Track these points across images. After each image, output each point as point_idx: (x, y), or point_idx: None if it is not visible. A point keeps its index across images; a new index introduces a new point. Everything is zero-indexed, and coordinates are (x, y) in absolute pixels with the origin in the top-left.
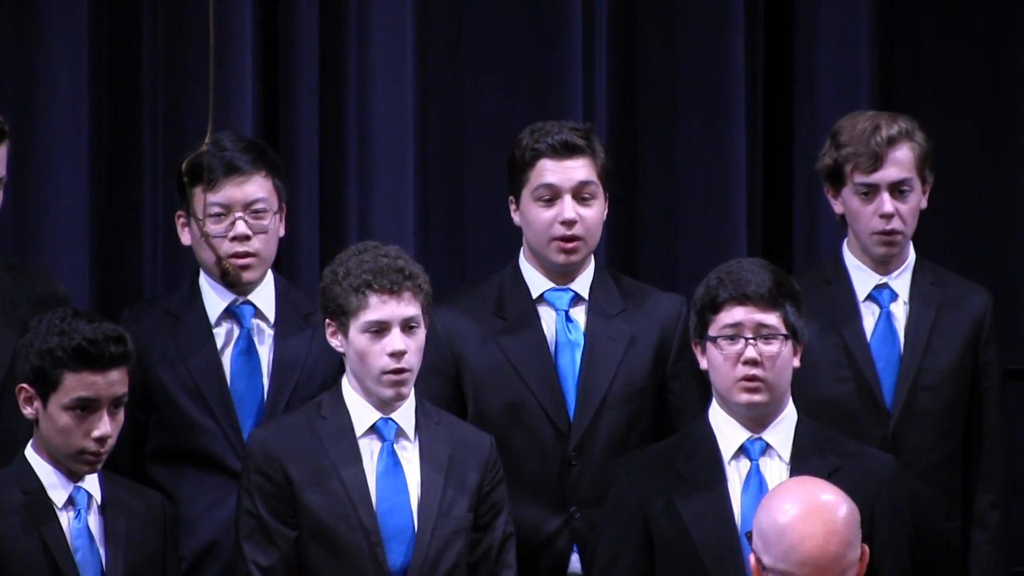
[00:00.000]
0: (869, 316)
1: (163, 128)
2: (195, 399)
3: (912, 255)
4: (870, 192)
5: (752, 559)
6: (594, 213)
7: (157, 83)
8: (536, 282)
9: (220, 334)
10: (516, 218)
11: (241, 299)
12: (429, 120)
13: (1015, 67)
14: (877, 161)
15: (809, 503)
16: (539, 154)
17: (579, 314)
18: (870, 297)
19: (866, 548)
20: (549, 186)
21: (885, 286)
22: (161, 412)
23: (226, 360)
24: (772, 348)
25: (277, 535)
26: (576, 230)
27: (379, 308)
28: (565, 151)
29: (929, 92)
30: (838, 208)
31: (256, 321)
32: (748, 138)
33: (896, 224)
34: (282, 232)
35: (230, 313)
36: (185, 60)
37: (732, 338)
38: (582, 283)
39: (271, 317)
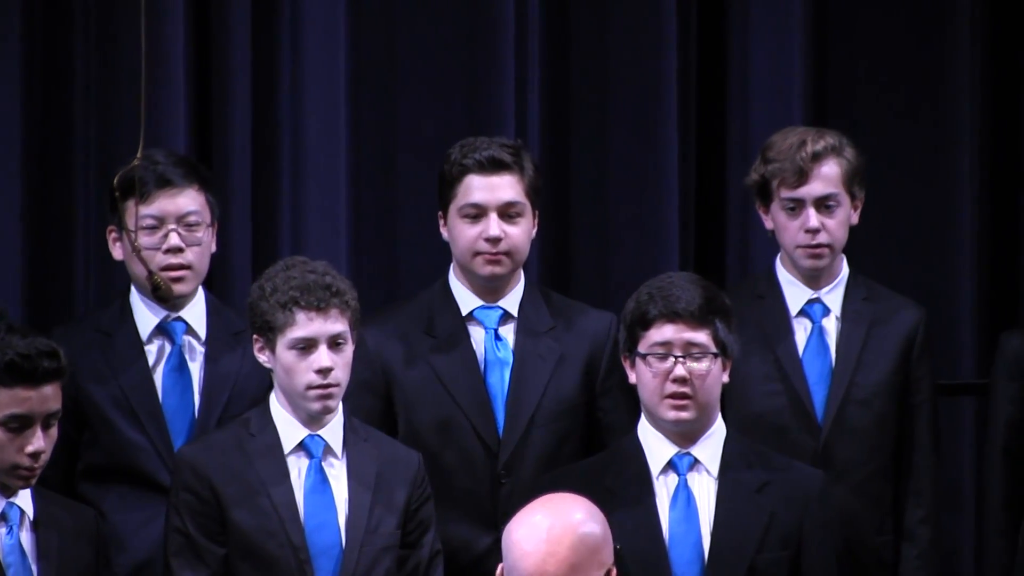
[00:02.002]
0: (801, 331)
1: (95, 144)
2: (127, 416)
3: (845, 270)
4: (796, 207)
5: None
6: (520, 231)
7: (89, 99)
8: (465, 299)
9: (152, 351)
10: (444, 233)
11: (172, 316)
12: (362, 135)
13: (948, 80)
14: (802, 176)
15: (543, 522)
16: (466, 170)
17: (508, 332)
18: (802, 312)
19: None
20: (475, 204)
21: (817, 301)
22: (93, 429)
23: (158, 377)
24: (701, 366)
25: (206, 552)
26: (501, 247)
27: (306, 325)
28: (492, 167)
29: (862, 106)
30: (768, 223)
31: (188, 338)
32: (680, 152)
33: (822, 238)
34: (214, 248)
35: (161, 330)
36: (117, 76)
37: (662, 356)
38: (511, 301)
39: (202, 334)
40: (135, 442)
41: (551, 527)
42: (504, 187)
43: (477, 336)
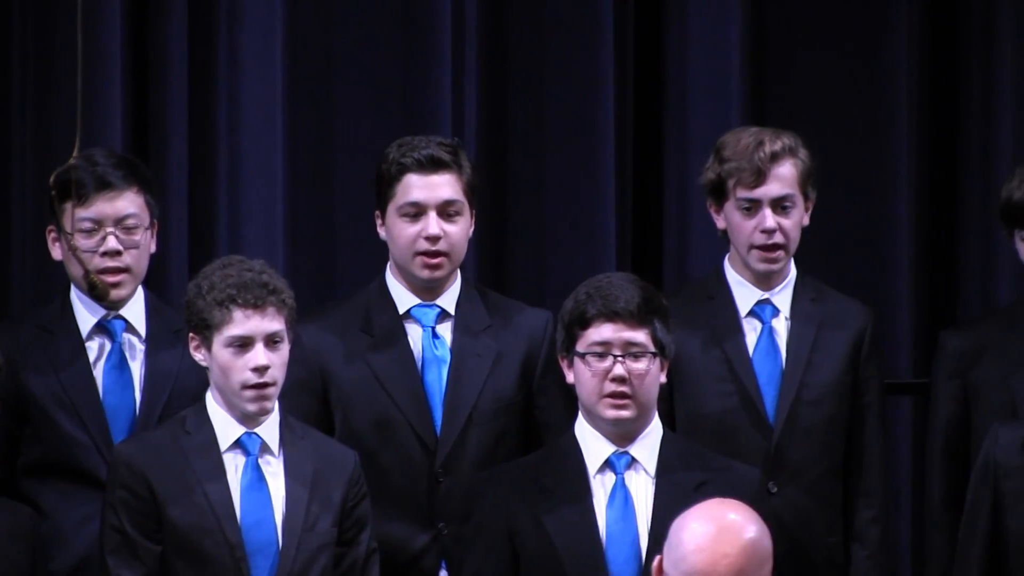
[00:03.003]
0: (751, 331)
1: (32, 143)
2: (68, 412)
3: (793, 271)
4: (752, 207)
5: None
6: (459, 229)
7: (26, 98)
8: (402, 298)
9: (92, 348)
10: (382, 232)
11: (112, 314)
12: (299, 135)
13: (886, 80)
14: (760, 177)
15: (722, 523)
16: (405, 169)
17: (445, 330)
18: (752, 313)
19: None
20: (414, 203)
21: (767, 302)
22: (34, 425)
23: (98, 374)
24: (640, 366)
25: (142, 550)
26: (440, 246)
27: (243, 323)
28: (431, 166)
29: (800, 106)
30: (720, 223)
31: (128, 336)
32: (618, 152)
33: (778, 239)
34: (154, 248)
35: (102, 327)
36: (53, 75)
37: (600, 355)
38: (448, 299)
39: (142, 332)
40: (75, 439)
41: (728, 528)
42: (443, 186)
43: (414, 335)
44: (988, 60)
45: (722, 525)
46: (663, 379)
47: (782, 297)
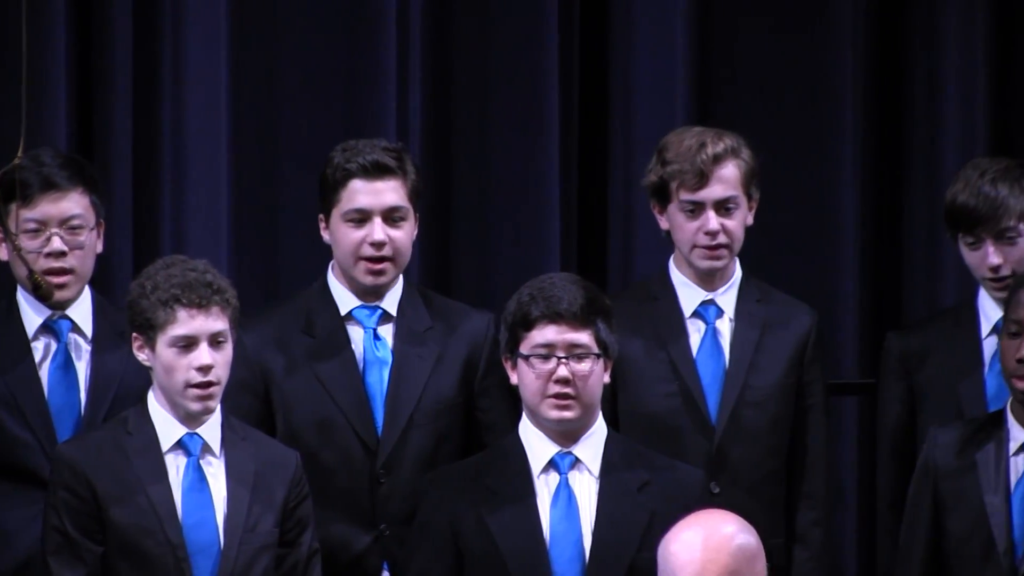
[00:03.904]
0: (695, 332)
1: None
2: (12, 412)
3: (738, 272)
4: (696, 209)
5: None
6: (403, 235)
7: None
8: (344, 299)
9: (38, 348)
10: (326, 236)
11: (58, 314)
12: (243, 135)
13: (831, 80)
14: (703, 178)
15: (700, 532)
16: (350, 174)
17: (387, 332)
18: (696, 313)
19: None
20: (359, 209)
21: (711, 302)
22: None
23: (43, 374)
24: (584, 367)
25: (84, 551)
26: (385, 252)
27: (187, 323)
28: (376, 172)
29: (745, 106)
30: (664, 224)
31: (73, 336)
32: (562, 153)
33: (722, 239)
34: (100, 248)
35: (47, 328)
36: None
37: (544, 356)
38: (390, 301)
39: (88, 332)
40: (20, 439)
41: (708, 536)
42: (388, 192)
43: (356, 336)
44: (933, 63)
45: (703, 534)
46: (607, 379)
47: (726, 298)
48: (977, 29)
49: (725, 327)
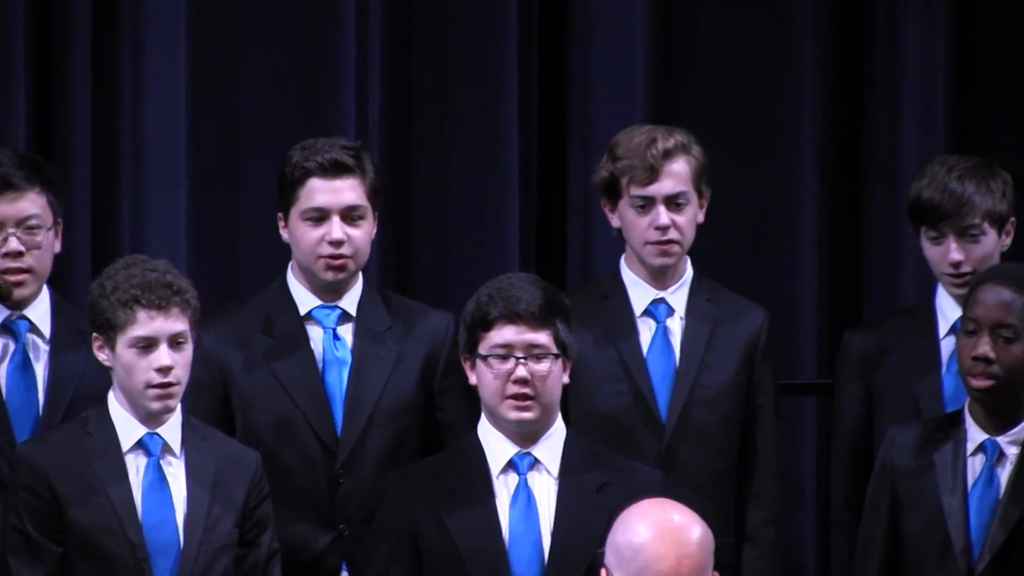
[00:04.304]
0: (646, 331)
1: None
2: None
3: (689, 271)
4: (646, 204)
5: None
6: (362, 233)
7: None
8: (304, 299)
9: None
10: (284, 235)
11: (16, 314)
12: (202, 134)
13: (790, 80)
14: (653, 174)
15: (664, 524)
16: (308, 173)
17: (346, 332)
18: (647, 312)
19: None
20: (318, 208)
21: (662, 301)
22: None
23: (1, 374)
24: (542, 367)
25: (43, 551)
26: (343, 250)
27: (147, 323)
28: (334, 171)
29: (705, 105)
30: (615, 222)
31: (31, 336)
32: (521, 153)
33: (672, 235)
34: (58, 248)
35: (5, 328)
36: None
37: (503, 357)
38: (350, 301)
39: (47, 333)
40: None
41: (680, 529)
42: (346, 190)
43: (315, 336)
44: (892, 61)
45: (671, 527)
46: (566, 380)
47: (677, 297)
48: (936, 29)
49: (676, 326)
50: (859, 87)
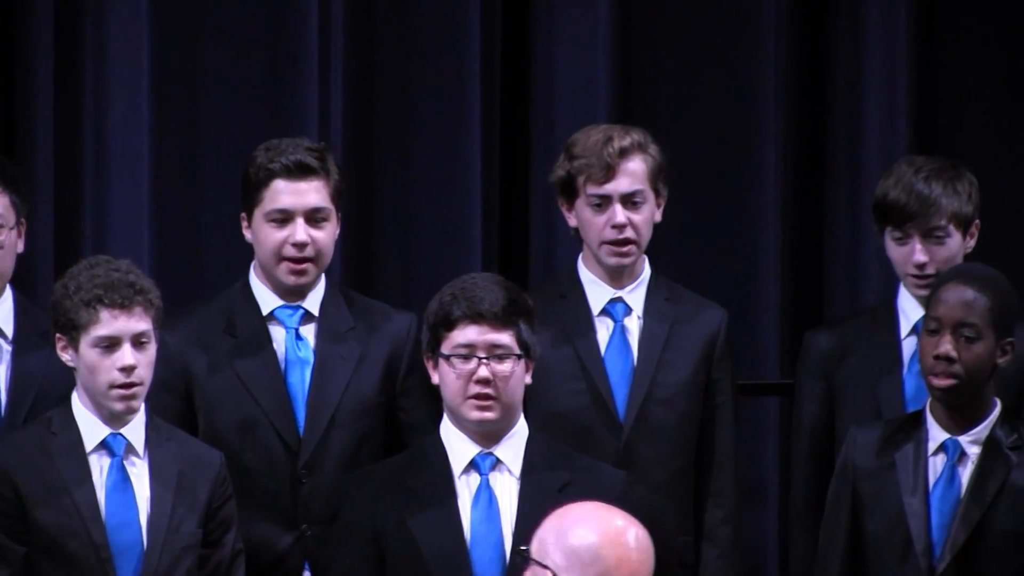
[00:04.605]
0: (603, 330)
1: None
2: None
3: (647, 270)
4: (603, 203)
5: None
6: (325, 235)
7: None
8: (266, 299)
9: None
10: (247, 235)
11: None
12: (165, 134)
13: (752, 79)
14: (609, 172)
15: (615, 527)
16: (272, 174)
17: (309, 332)
18: (604, 311)
19: None
20: (282, 210)
21: (619, 300)
22: None
23: None
24: (505, 368)
25: (7, 551)
26: (307, 252)
27: (110, 323)
28: (299, 172)
29: (667, 104)
30: (572, 221)
31: None
32: (484, 154)
33: (629, 234)
34: (21, 248)
35: None
36: None
37: (465, 357)
38: (312, 301)
39: (10, 333)
40: None
41: (637, 535)
42: (310, 192)
43: (278, 336)
44: (855, 61)
45: (622, 529)
46: (528, 380)
47: (635, 296)
48: (899, 28)
49: (634, 325)
50: (822, 86)
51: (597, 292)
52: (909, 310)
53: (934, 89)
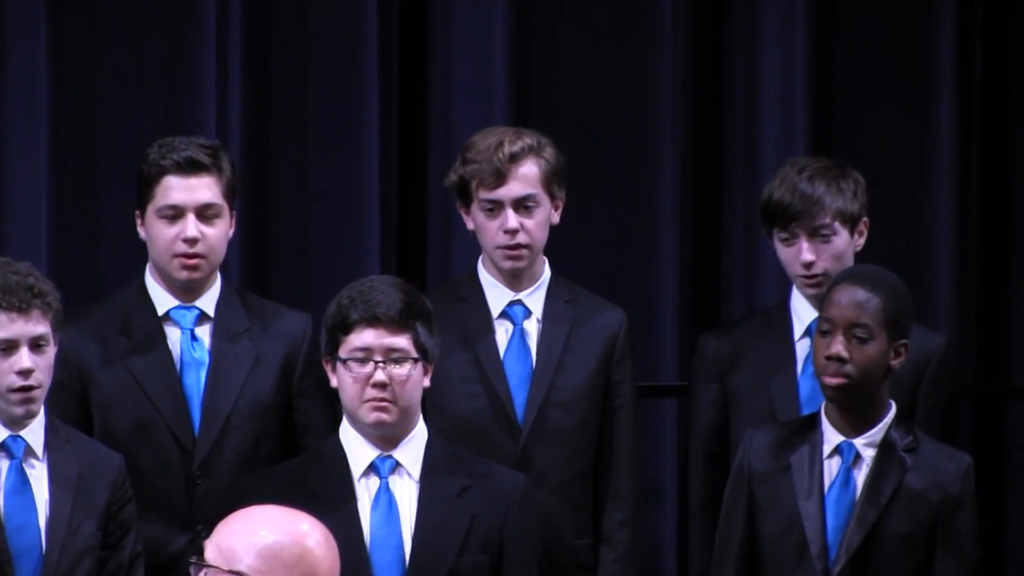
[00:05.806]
0: (502, 333)
1: None
2: None
3: (547, 272)
4: (495, 208)
5: None
6: (217, 232)
7: None
8: (161, 299)
9: None
10: (141, 232)
11: None
12: (62, 134)
13: (652, 82)
14: (500, 177)
15: (302, 527)
16: (164, 171)
17: (204, 333)
18: (504, 314)
19: None
20: (173, 205)
21: (519, 303)
22: None
23: None
24: (402, 371)
25: None
26: (198, 248)
27: (7, 326)
28: (190, 168)
29: (565, 107)
30: (470, 224)
31: None
32: (382, 154)
33: (521, 239)
34: None
35: None
36: None
37: (362, 360)
38: (207, 301)
39: None
40: None
41: (316, 530)
42: (202, 188)
43: (173, 337)
44: (752, 62)
45: (308, 530)
46: (427, 383)
47: (534, 298)
48: (796, 30)
49: (533, 328)
50: (719, 88)
51: (496, 295)
52: (802, 311)
53: (831, 91)
